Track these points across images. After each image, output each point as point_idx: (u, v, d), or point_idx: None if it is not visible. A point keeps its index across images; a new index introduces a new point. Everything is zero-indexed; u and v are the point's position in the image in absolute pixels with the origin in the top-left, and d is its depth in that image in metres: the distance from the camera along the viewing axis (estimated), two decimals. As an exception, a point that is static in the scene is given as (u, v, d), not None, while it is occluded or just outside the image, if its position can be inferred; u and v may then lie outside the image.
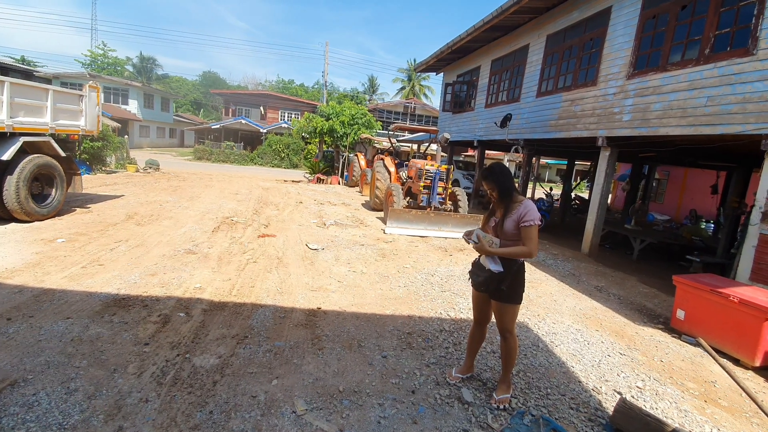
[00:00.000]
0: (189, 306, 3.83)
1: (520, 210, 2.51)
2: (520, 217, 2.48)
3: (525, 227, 2.48)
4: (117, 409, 2.37)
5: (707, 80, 5.54)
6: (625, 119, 6.96)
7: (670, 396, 3.05)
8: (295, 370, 2.94)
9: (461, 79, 14.18)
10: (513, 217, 2.52)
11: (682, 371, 3.52)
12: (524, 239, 2.49)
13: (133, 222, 7.09)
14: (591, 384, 3.12)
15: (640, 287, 6.07)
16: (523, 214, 2.48)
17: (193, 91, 57.75)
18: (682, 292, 4.36)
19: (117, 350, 2.98)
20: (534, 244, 2.47)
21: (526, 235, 2.49)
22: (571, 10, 8.53)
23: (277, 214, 9.10)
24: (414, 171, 9.47)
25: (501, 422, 2.55)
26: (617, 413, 2.51)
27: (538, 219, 2.47)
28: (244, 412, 2.44)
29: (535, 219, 2.46)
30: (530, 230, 2.47)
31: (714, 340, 3.98)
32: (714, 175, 12.90)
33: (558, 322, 4.29)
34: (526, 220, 2.46)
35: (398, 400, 2.68)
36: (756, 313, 3.65)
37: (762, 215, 4.90)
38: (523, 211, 2.49)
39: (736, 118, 5.17)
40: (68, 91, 7.54)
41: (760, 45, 4.94)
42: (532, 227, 2.46)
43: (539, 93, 9.58)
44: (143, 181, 13.28)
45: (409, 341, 3.54)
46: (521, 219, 2.48)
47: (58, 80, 29.85)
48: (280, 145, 28.64)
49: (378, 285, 4.96)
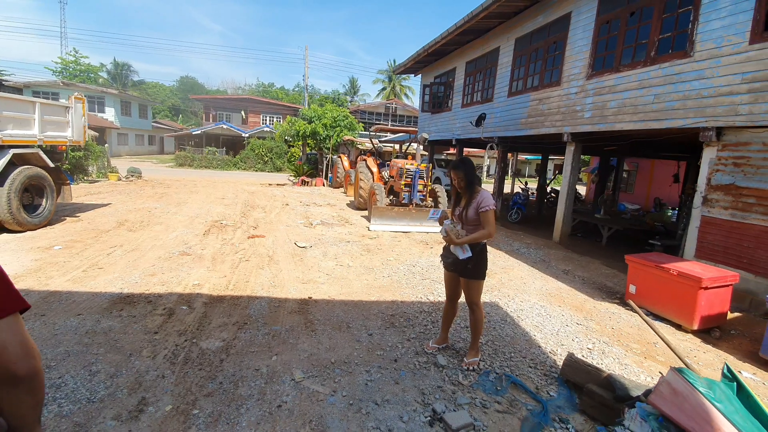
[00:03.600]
0: (190, 300, 4.17)
1: (478, 198, 2.98)
2: (479, 204, 2.95)
3: (483, 212, 2.95)
4: (138, 384, 2.72)
5: (654, 80, 6.15)
6: (586, 116, 7.55)
7: (615, 354, 3.57)
8: (292, 348, 3.33)
9: (438, 80, 14.71)
10: (473, 204, 2.99)
11: (629, 335, 4.05)
12: (483, 222, 2.96)
13: (124, 228, 7.32)
14: (549, 348, 3.61)
15: (603, 269, 6.66)
16: (480, 201, 2.96)
17: (171, 96, 56.99)
18: (633, 269, 4.92)
19: (130, 339, 3.32)
20: (492, 226, 2.94)
21: (485, 219, 2.95)
22: (536, 14, 9.12)
23: (264, 216, 9.41)
24: (395, 170, 9.93)
25: (470, 380, 3.01)
26: (565, 366, 3.00)
27: (493, 204, 2.96)
28: (250, 381, 2.82)
29: (490, 204, 2.94)
30: (488, 214, 2.94)
31: (660, 309, 4.54)
32: (676, 165, 13.76)
33: (525, 301, 4.79)
34: (484, 205, 2.94)
35: (383, 367, 3.11)
36: (691, 283, 4.21)
37: (702, 199, 5.52)
38: (480, 199, 2.97)
39: (678, 113, 5.78)
40: (55, 103, 7.71)
41: (696, 47, 5.56)
42: (489, 211, 2.94)
43: (510, 93, 10.15)
44: (127, 189, 13.35)
45: (392, 321, 3.97)
46: (479, 205, 2.95)
47: (29, 89, 29.09)
48: (263, 149, 28.74)
49: (364, 276, 5.38)
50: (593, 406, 2.64)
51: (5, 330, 0.87)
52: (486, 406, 2.71)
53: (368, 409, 2.60)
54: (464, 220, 3.06)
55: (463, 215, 3.07)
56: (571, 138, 8.06)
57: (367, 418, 2.53)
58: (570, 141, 8.12)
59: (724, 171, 5.29)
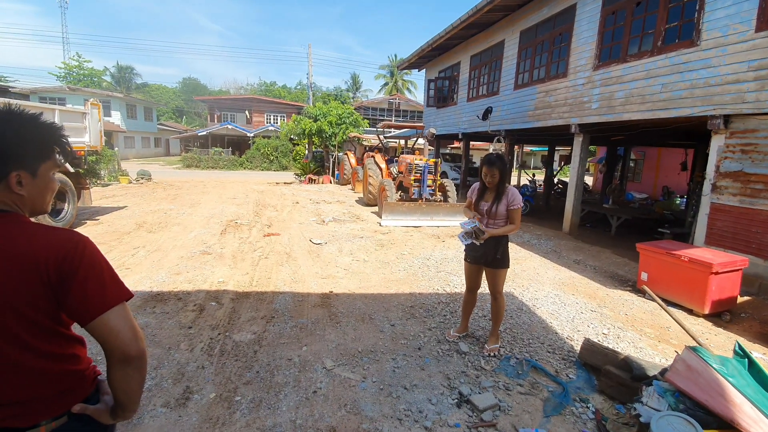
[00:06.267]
0: (218, 297, 4.36)
1: (508, 195, 3.15)
2: (509, 200, 3.13)
3: (513, 209, 3.14)
4: (180, 375, 2.91)
5: (661, 69, 6.21)
6: (594, 107, 7.62)
7: (629, 338, 3.70)
8: (320, 339, 3.50)
9: (443, 74, 14.77)
10: (503, 201, 3.14)
11: (642, 321, 4.18)
12: (513, 219, 3.16)
13: (143, 230, 7.53)
14: (566, 334, 3.75)
15: (614, 258, 6.76)
16: (511, 198, 3.14)
17: (175, 98, 57.34)
18: (644, 256, 5.03)
19: (166, 333, 3.50)
20: (519, 222, 3.20)
21: (514, 216, 3.15)
22: (541, 6, 9.16)
23: (277, 215, 9.60)
24: (404, 166, 10.06)
25: (492, 365, 3.16)
26: (583, 350, 3.14)
27: (522, 201, 3.16)
28: (284, 370, 3.00)
29: (520, 202, 3.15)
30: (517, 212, 3.15)
31: (671, 294, 4.66)
32: (683, 153, 13.74)
33: (539, 290, 4.93)
34: (515, 203, 3.13)
35: (407, 355, 3.27)
36: (702, 269, 4.32)
37: (712, 186, 5.61)
38: (510, 196, 3.14)
39: (686, 102, 5.85)
40: (73, 109, 7.92)
41: (703, 36, 5.62)
42: (519, 209, 3.15)
43: (516, 86, 10.22)
44: (140, 191, 13.60)
45: (412, 312, 4.13)
46: (510, 202, 3.13)
47: (36, 95, 29.38)
48: (269, 148, 28.94)
49: (380, 270, 5.54)
50: (611, 386, 2.78)
51: (118, 317, 1.03)
52: (509, 388, 2.86)
53: (398, 393, 2.77)
54: (491, 215, 3.19)
55: (492, 210, 3.17)
56: (579, 129, 8.14)
57: (398, 401, 2.69)
58: (578, 132, 8.19)
59: (732, 158, 5.37)
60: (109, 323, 1.00)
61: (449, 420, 2.52)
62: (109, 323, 1.00)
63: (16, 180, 1.01)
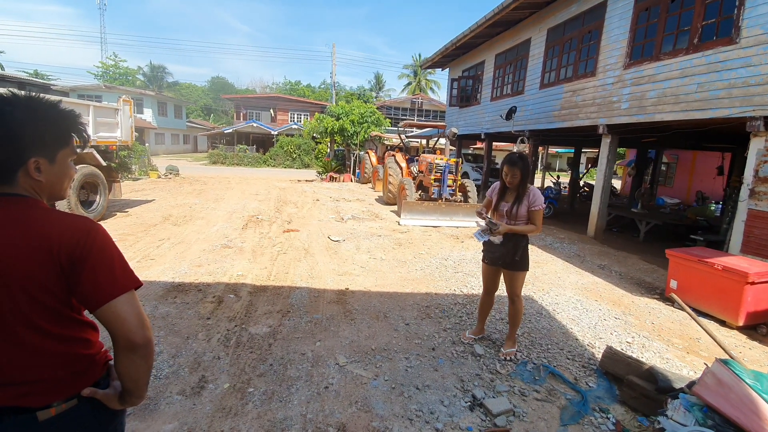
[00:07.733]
0: (236, 289, 4.43)
1: (530, 196, 3.05)
2: (531, 201, 3.04)
3: (535, 210, 3.05)
4: (197, 364, 2.97)
5: (696, 68, 5.92)
6: (624, 107, 7.34)
7: (656, 348, 3.54)
8: (333, 335, 3.50)
9: (466, 74, 14.59)
10: (524, 201, 3.05)
11: (670, 330, 3.99)
12: (534, 220, 3.07)
13: (169, 223, 7.76)
14: (587, 341, 3.62)
15: (641, 264, 6.50)
16: (532, 199, 3.04)
17: (203, 96, 58.92)
18: (674, 263, 4.80)
19: (185, 323, 3.59)
20: (541, 223, 3.10)
21: (536, 216, 3.06)
22: (570, 4, 8.90)
23: (297, 212, 9.71)
24: (425, 165, 9.99)
25: (508, 369, 3.08)
26: (605, 358, 3.02)
27: (543, 203, 3.07)
28: (297, 364, 3.01)
29: (542, 203, 3.06)
30: (539, 213, 3.07)
31: (702, 305, 4.43)
32: (719, 156, 13.09)
33: (560, 295, 4.78)
34: (537, 204, 3.04)
35: (421, 355, 3.23)
36: (737, 278, 4.08)
37: (749, 192, 5.30)
38: (532, 197, 3.04)
39: (723, 103, 5.55)
40: (105, 106, 8.24)
41: (742, 34, 5.31)
42: (540, 210, 3.06)
43: (542, 85, 9.97)
44: (167, 186, 14.04)
45: (427, 312, 4.08)
46: (531, 203, 3.03)
47: (75, 93, 30.75)
48: (291, 146, 29.36)
49: (397, 269, 5.51)
50: (634, 397, 2.66)
51: (125, 304, 1.04)
52: (525, 394, 2.78)
53: (410, 393, 2.73)
54: (511, 216, 3.10)
55: (512, 211, 3.09)
56: (607, 130, 7.86)
57: (410, 401, 2.66)
58: (606, 133, 7.91)
59: (774, 162, 5.05)
60: (117, 310, 1.01)
61: (461, 423, 2.47)
62: (117, 310, 1.01)
63: (35, 166, 1.04)
